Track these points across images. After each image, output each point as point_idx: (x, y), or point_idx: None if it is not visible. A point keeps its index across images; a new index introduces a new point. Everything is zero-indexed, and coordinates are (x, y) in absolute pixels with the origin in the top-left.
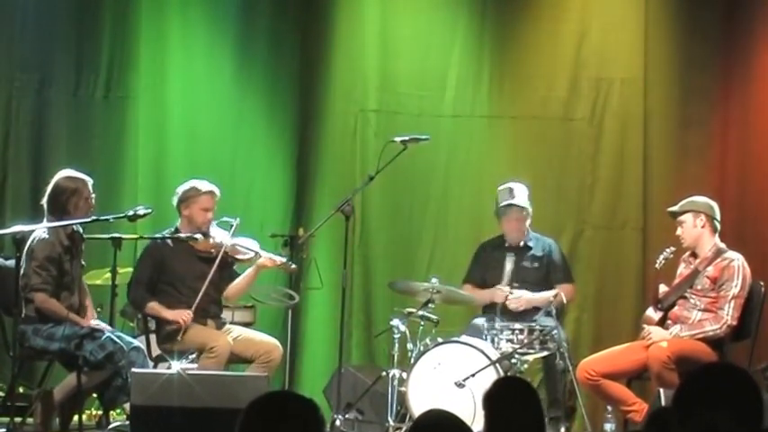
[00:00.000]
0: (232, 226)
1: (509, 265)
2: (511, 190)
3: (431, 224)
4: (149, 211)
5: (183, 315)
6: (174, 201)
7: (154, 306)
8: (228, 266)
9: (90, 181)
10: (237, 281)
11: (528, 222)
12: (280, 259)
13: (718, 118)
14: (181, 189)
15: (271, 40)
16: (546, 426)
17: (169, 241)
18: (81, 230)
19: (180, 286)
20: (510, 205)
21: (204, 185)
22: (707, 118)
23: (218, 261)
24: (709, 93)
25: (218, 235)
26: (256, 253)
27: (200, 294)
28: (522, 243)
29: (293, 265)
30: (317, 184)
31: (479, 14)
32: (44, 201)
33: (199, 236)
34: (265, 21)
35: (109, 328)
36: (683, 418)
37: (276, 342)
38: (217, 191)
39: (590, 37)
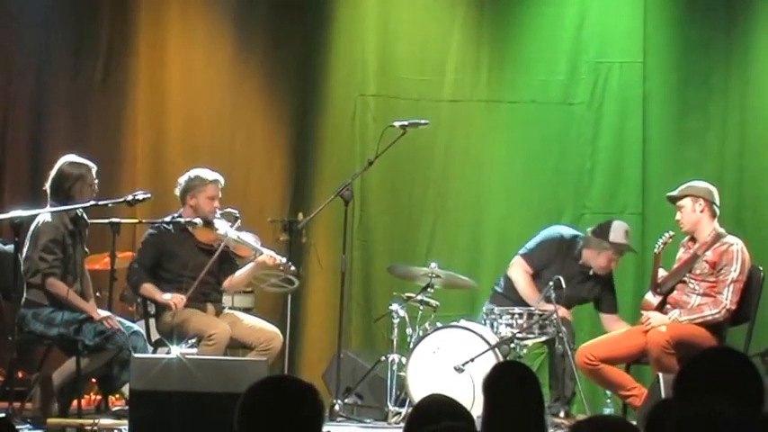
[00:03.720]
0: (237, 218)
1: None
2: (627, 232)
3: (430, 209)
4: (148, 195)
5: (175, 299)
6: (178, 191)
7: (148, 288)
8: (229, 259)
9: (94, 167)
10: (237, 275)
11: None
12: (280, 259)
13: (717, 102)
14: (184, 178)
15: (270, 25)
16: (546, 410)
17: (172, 230)
18: (84, 215)
19: (179, 276)
20: (625, 249)
21: (209, 174)
22: (706, 102)
23: (217, 253)
24: (709, 77)
25: (222, 227)
26: (257, 250)
27: (196, 284)
28: (591, 271)
29: (292, 267)
30: (315, 169)
31: None
32: (47, 185)
33: (198, 220)
34: (265, 5)
35: (118, 324)
36: (684, 403)
37: (277, 331)
38: (221, 179)
39: (589, 21)
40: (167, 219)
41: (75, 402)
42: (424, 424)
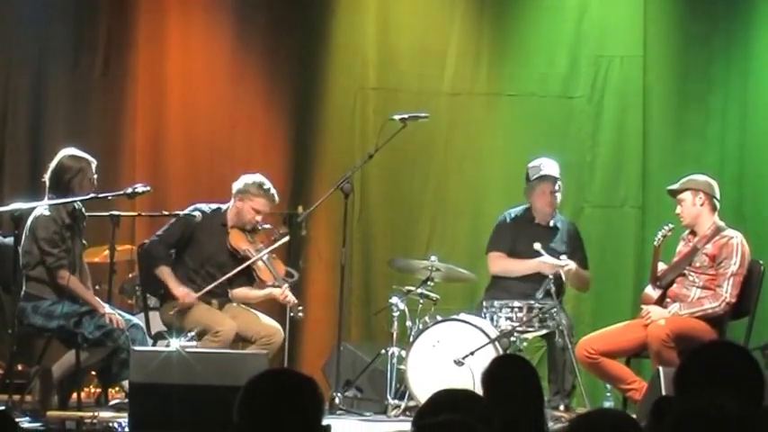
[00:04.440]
0: (275, 240)
1: (538, 245)
2: (543, 164)
3: (430, 202)
4: (148, 188)
5: (187, 297)
6: (234, 186)
7: (165, 271)
8: (249, 274)
9: (94, 162)
10: (248, 292)
11: (559, 199)
12: (293, 300)
13: (717, 96)
14: (246, 178)
15: (270, 18)
16: (546, 404)
17: (210, 218)
18: (83, 208)
19: (199, 266)
20: (545, 176)
21: (267, 190)
22: (706, 96)
23: (241, 267)
24: (709, 70)
25: (257, 242)
26: (278, 281)
27: (212, 286)
28: (551, 223)
29: (301, 313)
30: (315, 162)
31: None
32: (46, 177)
33: (197, 214)
34: None
35: (122, 321)
36: (685, 398)
37: (278, 326)
38: (277, 197)
39: (589, 14)
40: (212, 206)
41: (74, 395)
42: (432, 415)
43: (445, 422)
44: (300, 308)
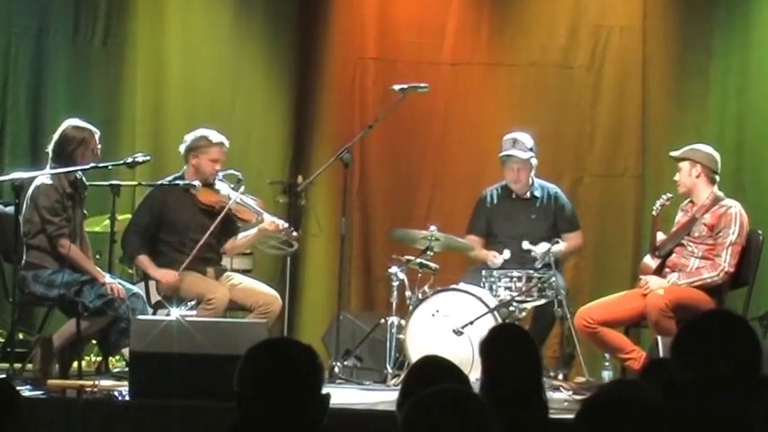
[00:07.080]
0: (239, 180)
1: (520, 217)
2: (515, 140)
3: (429, 172)
4: (148, 158)
5: (168, 277)
6: (182, 148)
7: (142, 260)
8: (231, 221)
9: (97, 132)
10: (238, 240)
11: (532, 173)
12: (283, 224)
13: (717, 67)
14: (190, 137)
15: None
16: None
17: (171, 190)
18: (84, 178)
19: (182, 238)
20: (509, 156)
21: (215, 136)
22: (706, 66)
23: (221, 217)
24: (709, 41)
25: (224, 189)
26: (260, 213)
27: (195, 251)
28: (528, 194)
29: (294, 233)
30: (315, 132)
31: None
32: (49, 148)
33: (197, 183)
34: None
35: (123, 291)
36: (681, 366)
37: (276, 294)
38: (227, 142)
39: None
40: (168, 179)
41: (75, 364)
42: (420, 386)
43: (449, 389)
44: (294, 232)
